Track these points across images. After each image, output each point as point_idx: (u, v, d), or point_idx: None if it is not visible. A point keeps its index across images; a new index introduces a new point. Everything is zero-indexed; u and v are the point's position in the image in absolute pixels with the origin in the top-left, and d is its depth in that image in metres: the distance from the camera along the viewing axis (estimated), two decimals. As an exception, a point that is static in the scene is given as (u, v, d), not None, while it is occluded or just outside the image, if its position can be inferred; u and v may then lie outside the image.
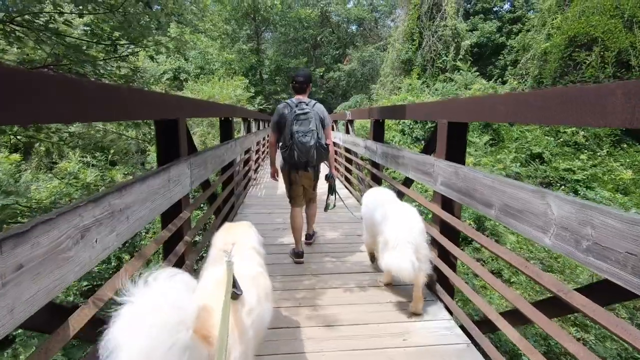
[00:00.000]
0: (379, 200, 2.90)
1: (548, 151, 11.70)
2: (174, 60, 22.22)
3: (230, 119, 4.41)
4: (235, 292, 1.17)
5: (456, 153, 2.45)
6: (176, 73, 21.44)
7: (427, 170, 2.66)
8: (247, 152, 6.23)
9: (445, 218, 2.47)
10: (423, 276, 2.36)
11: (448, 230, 2.54)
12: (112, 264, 8.40)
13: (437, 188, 2.48)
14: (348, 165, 6.72)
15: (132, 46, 4.17)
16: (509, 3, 24.26)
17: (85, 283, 8.29)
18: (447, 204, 2.52)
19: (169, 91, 14.84)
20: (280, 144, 3.22)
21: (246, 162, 6.44)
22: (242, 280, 1.26)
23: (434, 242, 2.66)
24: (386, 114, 4.15)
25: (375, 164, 4.46)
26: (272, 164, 3.51)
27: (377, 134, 4.50)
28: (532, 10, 22.52)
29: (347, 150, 6.65)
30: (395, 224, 2.44)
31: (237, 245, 1.58)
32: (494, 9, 24.76)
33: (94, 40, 3.62)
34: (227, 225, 1.91)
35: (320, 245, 3.66)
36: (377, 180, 4.55)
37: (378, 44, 23.09)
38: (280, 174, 3.46)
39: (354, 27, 27.34)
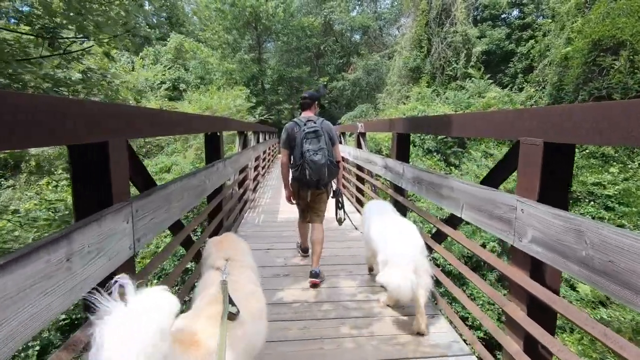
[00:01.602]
0: (378, 214, 2.89)
1: (575, 164, 10.73)
2: (174, 71, 21.64)
3: (217, 133, 3.54)
4: (231, 313, 1.19)
5: (556, 193, 1.54)
6: (175, 83, 20.80)
7: (501, 214, 1.74)
8: (242, 170, 5.36)
9: (534, 292, 1.55)
10: (424, 294, 2.32)
11: (539, 311, 1.62)
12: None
13: (524, 246, 1.57)
14: (359, 185, 5.82)
15: (89, 42, 3.30)
16: (517, 9, 23.55)
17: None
18: (538, 271, 1.61)
19: (164, 105, 14.05)
20: (291, 162, 3.20)
21: (242, 182, 5.55)
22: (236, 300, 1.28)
23: (514, 325, 1.74)
24: (417, 127, 3.25)
25: (399, 189, 3.56)
26: (286, 186, 3.40)
27: (402, 151, 3.61)
28: (542, 17, 21.80)
29: (359, 167, 5.76)
30: (394, 241, 2.40)
31: (231, 262, 1.63)
32: (502, 16, 24.04)
33: (26, 32, 2.77)
34: (215, 240, 1.91)
35: (334, 304, 2.72)
36: (402, 210, 3.64)
37: (383, 52, 22.40)
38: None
39: (358, 36, 26.74)
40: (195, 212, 7.16)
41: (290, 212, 5.59)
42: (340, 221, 3.36)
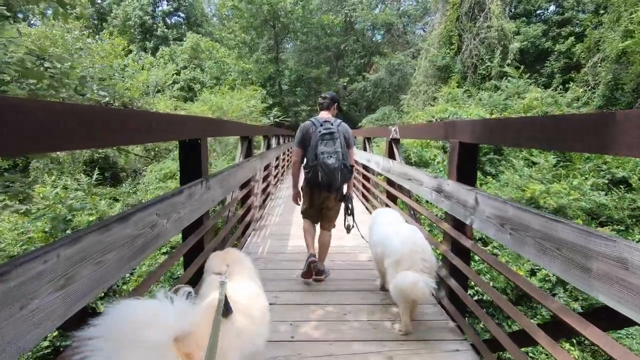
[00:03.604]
0: (386, 221, 2.86)
1: (636, 175, 9.20)
2: (189, 71, 21.03)
3: (199, 141, 2.46)
4: (225, 311, 1.19)
5: None
6: (190, 83, 20.16)
7: None
8: (245, 185, 4.29)
9: None
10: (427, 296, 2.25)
11: None
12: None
13: None
14: (390, 204, 4.63)
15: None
16: (554, 4, 21.69)
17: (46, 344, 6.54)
18: None
19: (176, 106, 13.23)
20: (303, 163, 3.13)
21: (245, 198, 4.49)
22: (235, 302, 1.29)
23: None
24: (505, 134, 2.03)
25: (461, 227, 2.39)
26: (295, 185, 3.31)
27: (467, 170, 2.43)
28: (583, 12, 19.99)
29: (390, 182, 4.59)
30: (404, 243, 2.37)
31: (232, 266, 1.66)
32: (538, 12, 22.26)
33: None
34: (219, 252, 1.91)
35: None
36: (465, 257, 2.46)
37: (408, 50, 21.06)
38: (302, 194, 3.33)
39: (380, 35, 25.49)
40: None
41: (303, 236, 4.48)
42: (348, 229, 3.22)
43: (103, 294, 6.51)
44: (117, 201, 9.72)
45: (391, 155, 4.55)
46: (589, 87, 12.22)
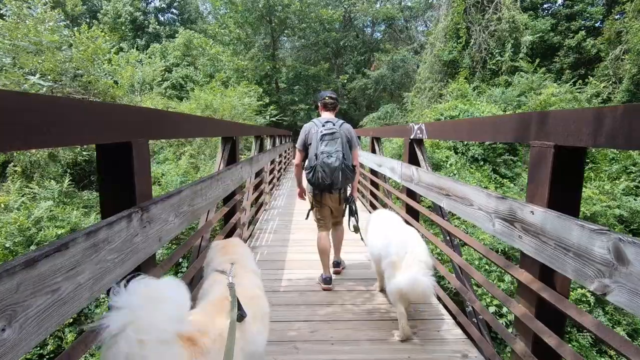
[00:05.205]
0: (383, 223, 2.86)
1: (672, 178, 8.30)
2: (182, 68, 20.04)
3: (129, 145, 1.51)
4: (240, 314, 1.20)
5: None
6: (182, 81, 19.17)
7: None
8: (228, 199, 3.34)
9: None
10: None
11: None
12: (49, 347, 5.78)
13: None
14: (414, 223, 3.67)
15: None
16: (563, -3, 20.74)
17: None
18: None
19: (168, 105, 12.28)
20: (305, 164, 3.14)
21: (229, 214, 3.53)
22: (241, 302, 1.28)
23: None
24: None
25: (551, 280, 1.44)
26: (299, 184, 3.39)
27: (566, 193, 1.49)
28: (592, 5, 19.11)
29: (410, 193, 3.63)
30: (403, 244, 2.38)
31: (236, 265, 1.59)
32: (545, 5, 21.34)
33: None
34: (220, 243, 1.87)
35: None
36: (556, 322, 1.50)
37: (411, 45, 20.13)
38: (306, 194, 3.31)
39: (380, 30, 24.55)
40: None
41: (304, 263, 3.53)
42: (356, 229, 3.18)
43: (72, 319, 5.62)
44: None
45: (412, 160, 3.59)
46: (611, 82, 11.30)
